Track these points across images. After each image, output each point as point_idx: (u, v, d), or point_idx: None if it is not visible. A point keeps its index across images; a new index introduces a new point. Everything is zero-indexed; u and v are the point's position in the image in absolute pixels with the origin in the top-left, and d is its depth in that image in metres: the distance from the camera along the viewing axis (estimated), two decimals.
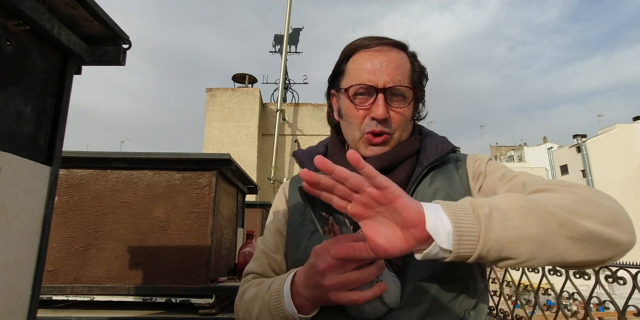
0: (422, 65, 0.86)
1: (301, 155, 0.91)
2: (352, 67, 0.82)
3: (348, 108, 0.83)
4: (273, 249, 0.87)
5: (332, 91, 0.90)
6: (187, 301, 1.45)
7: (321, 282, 0.61)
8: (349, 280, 0.60)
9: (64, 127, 0.64)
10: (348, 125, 0.85)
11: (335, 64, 0.88)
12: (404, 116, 0.81)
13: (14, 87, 0.54)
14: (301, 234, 0.82)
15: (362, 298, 0.60)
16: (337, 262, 0.59)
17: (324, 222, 0.62)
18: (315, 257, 0.63)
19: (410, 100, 0.81)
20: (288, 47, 6.34)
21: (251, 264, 0.89)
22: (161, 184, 1.57)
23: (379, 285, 0.62)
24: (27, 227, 0.55)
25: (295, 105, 5.80)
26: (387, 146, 0.82)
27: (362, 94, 0.80)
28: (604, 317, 2.02)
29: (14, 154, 0.52)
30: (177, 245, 1.50)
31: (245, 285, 0.84)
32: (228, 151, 4.08)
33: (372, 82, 0.78)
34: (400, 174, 0.80)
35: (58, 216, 1.49)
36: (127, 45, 0.70)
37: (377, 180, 0.51)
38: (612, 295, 1.91)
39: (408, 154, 0.82)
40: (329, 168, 0.51)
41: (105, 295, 1.44)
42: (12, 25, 0.53)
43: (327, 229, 0.62)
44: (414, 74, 0.83)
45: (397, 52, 0.82)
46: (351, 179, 0.51)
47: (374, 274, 0.61)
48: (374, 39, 0.83)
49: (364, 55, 0.81)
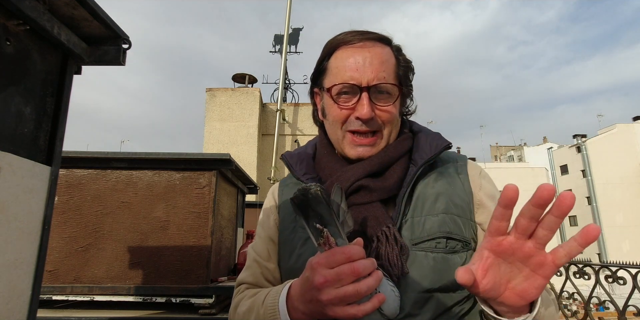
0: (407, 59, 0.82)
1: (289, 158, 0.87)
2: (334, 65, 0.79)
3: (331, 108, 0.80)
4: (265, 257, 0.84)
5: (315, 90, 0.87)
6: (187, 301, 1.45)
7: (317, 296, 0.58)
8: (346, 295, 0.57)
9: (64, 127, 0.64)
10: (331, 125, 0.82)
11: (317, 61, 0.84)
12: (390, 114, 0.78)
13: (14, 87, 0.54)
14: (293, 241, 0.79)
15: (361, 312, 0.57)
16: (334, 276, 0.57)
17: (318, 234, 0.59)
18: (310, 271, 0.60)
19: (396, 97, 0.78)
20: (288, 47, 6.34)
21: (243, 274, 0.86)
22: (161, 184, 1.57)
23: (377, 297, 0.59)
24: (27, 227, 0.55)
25: (295, 105, 5.79)
26: (375, 148, 0.79)
27: (345, 93, 0.77)
28: (604, 317, 2.02)
29: (14, 154, 0.52)
30: (177, 245, 1.50)
31: (239, 296, 0.81)
32: (228, 151, 4.08)
33: (355, 80, 0.75)
34: (392, 177, 0.77)
35: (58, 216, 1.49)
36: (127, 45, 0.70)
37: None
38: (612, 295, 1.91)
39: (400, 154, 0.79)
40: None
41: (105, 295, 1.44)
42: (12, 25, 0.53)
43: (322, 241, 0.59)
44: (400, 69, 0.80)
45: (380, 47, 0.78)
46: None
47: (372, 286, 0.58)
48: (355, 33, 0.79)
49: (346, 52, 0.78)
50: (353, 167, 0.78)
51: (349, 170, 0.77)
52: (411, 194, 0.77)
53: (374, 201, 0.75)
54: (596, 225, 0.47)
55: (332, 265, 0.58)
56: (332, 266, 0.57)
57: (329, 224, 0.59)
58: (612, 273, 1.94)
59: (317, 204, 0.58)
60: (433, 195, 0.76)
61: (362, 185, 0.75)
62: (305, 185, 0.57)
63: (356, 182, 0.75)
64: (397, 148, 0.80)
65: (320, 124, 0.90)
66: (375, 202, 0.75)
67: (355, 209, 0.75)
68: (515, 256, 0.53)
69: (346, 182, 0.75)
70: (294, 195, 0.59)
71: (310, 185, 0.58)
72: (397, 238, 0.70)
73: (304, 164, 0.86)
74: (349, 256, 0.57)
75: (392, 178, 0.77)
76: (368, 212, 0.73)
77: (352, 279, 0.57)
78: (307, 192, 0.57)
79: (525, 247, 0.51)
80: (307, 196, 0.57)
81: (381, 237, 0.70)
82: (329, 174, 0.80)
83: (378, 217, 0.72)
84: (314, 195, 0.57)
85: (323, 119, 0.86)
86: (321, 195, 0.57)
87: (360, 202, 0.75)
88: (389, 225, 0.71)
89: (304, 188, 0.58)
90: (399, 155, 0.79)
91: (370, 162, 0.77)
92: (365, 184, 0.75)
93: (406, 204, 0.75)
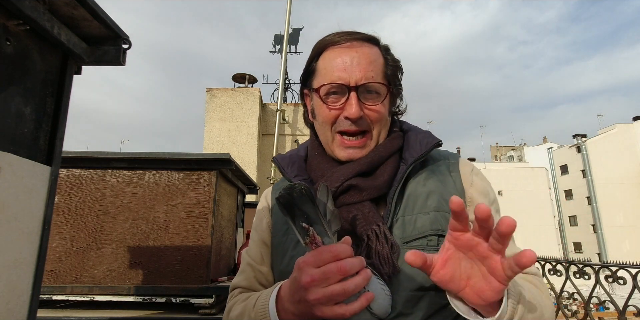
0: (395, 59, 0.83)
1: (281, 161, 0.88)
2: (322, 66, 0.79)
3: (320, 108, 0.80)
4: (258, 260, 0.84)
5: (305, 91, 0.87)
6: (187, 301, 1.45)
7: (305, 296, 0.58)
8: (333, 294, 0.56)
9: (64, 127, 0.64)
10: (320, 126, 0.82)
11: (306, 62, 0.84)
12: (379, 113, 0.78)
13: (14, 87, 0.54)
14: (286, 244, 0.79)
15: (348, 312, 0.57)
16: (320, 275, 0.56)
17: (304, 233, 0.59)
18: (298, 271, 0.60)
19: (384, 96, 0.78)
20: (288, 47, 6.34)
21: (237, 278, 0.86)
22: (161, 184, 1.57)
23: (365, 296, 0.59)
24: (27, 227, 0.55)
25: (295, 105, 5.80)
26: (365, 149, 0.79)
27: (334, 93, 0.77)
28: (604, 317, 2.03)
29: (14, 154, 0.52)
30: (177, 245, 1.50)
31: (232, 301, 0.81)
32: (228, 151, 4.08)
33: (344, 80, 0.75)
34: (382, 176, 0.77)
35: (58, 216, 1.49)
36: (127, 45, 0.70)
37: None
38: (612, 295, 1.91)
39: (390, 152, 0.80)
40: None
41: (105, 295, 1.44)
42: (12, 25, 0.53)
43: (309, 240, 0.59)
44: (388, 69, 0.80)
45: (368, 47, 0.79)
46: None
47: (360, 285, 0.57)
48: (343, 34, 0.80)
49: (334, 52, 0.78)
50: (343, 167, 0.79)
51: (339, 170, 0.78)
52: (402, 193, 0.77)
53: (364, 200, 0.75)
54: (509, 218, 0.50)
55: (319, 264, 0.57)
56: (319, 265, 0.57)
57: (315, 222, 0.59)
58: (612, 273, 1.94)
59: (303, 202, 0.58)
60: (424, 194, 0.76)
61: (352, 185, 0.75)
62: (290, 184, 0.57)
63: (346, 181, 0.76)
64: (387, 147, 0.80)
65: (310, 125, 0.90)
66: (365, 201, 0.75)
67: (346, 208, 0.75)
68: (474, 253, 0.56)
69: (336, 182, 0.76)
70: (279, 194, 0.58)
71: (295, 184, 0.57)
72: (387, 236, 0.70)
73: (296, 166, 0.86)
74: (336, 255, 0.57)
75: (382, 177, 0.77)
76: (358, 211, 0.73)
77: (339, 277, 0.57)
78: (292, 190, 0.57)
79: (481, 246, 0.54)
80: (292, 195, 0.57)
81: (371, 236, 0.70)
82: (320, 175, 0.81)
83: (368, 215, 0.72)
84: (298, 193, 0.57)
85: (313, 120, 0.86)
86: (306, 193, 0.57)
87: (350, 202, 0.75)
88: (379, 223, 0.71)
89: (289, 187, 0.57)
90: (389, 154, 0.80)
91: (360, 162, 0.78)
92: (355, 183, 0.75)
93: (397, 203, 0.75)
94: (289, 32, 6.42)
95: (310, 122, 0.89)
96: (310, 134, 0.91)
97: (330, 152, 0.83)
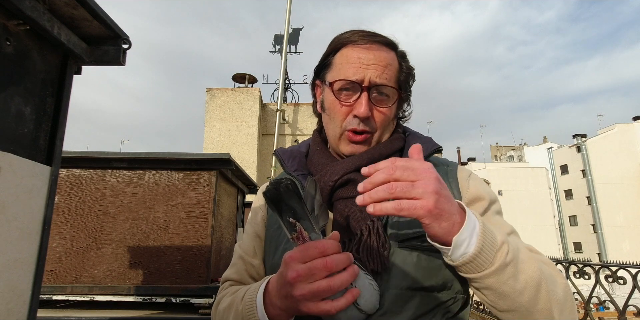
0: (410, 66, 0.85)
1: (282, 154, 0.89)
2: (339, 62, 0.81)
3: (332, 103, 0.81)
4: (251, 253, 0.85)
5: (317, 82, 0.89)
6: (187, 301, 1.45)
7: (291, 292, 0.58)
8: (319, 290, 0.56)
9: (64, 127, 0.64)
10: (330, 120, 0.83)
11: (323, 54, 0.86)
12: (386, 116, 0.80)
13: (14, 87, 0.54)
14: (279, 238, 0.79)
15: (334, 308, 0.57)
16: (306, 271, 0.56)
17: (291, 228, 0.59)
18: (284, 266, 0.60)
19: (394, 100, 0.80)
20: (288, 47, 6.34)
21: (228, 271, 0.86)
22: (161, 184, 1.57)
23: (350, 292, 0.58)
24: (27, 227, 0.55)
25: (295, 105, 5.80)
26: (366, 145, 0.81)
27: (346, 89, 0.79)
28: (604, 317, 2.02)
29: (14, 154, 0.52)
30: (177, 245, 1.50)
31: (222, 293, 0.82)
32: (228, 151, 4.08)
33: (358, 78, 0.77)
34: None
35: (58, 216, 1.49)
36: (127, 45, 0.70)
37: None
38: (612, 295, 1.91)
39: (390, 151, 0.81)
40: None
41: (105, 295, 1.44)
42: (12, 25, 0.53)
43: (295, 235, 0.58)
44: (401, 75, 0.82)
45: (386, 52, 0.80)
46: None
47: (346, 281, 0.57)
48: (364, 35, 0.81)
49: (353, 51, 0.80)
50: (343, 161, 0.80)
51: (338, 164, 0.79)
52: None
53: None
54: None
55: (305, 260, 0.57)
56: (305, 261, 0.57)
57: (302, 217, 0.59)
58: (612, 273, 1.94)
59: (290, 197, 0.58)
60: None
61: (350, 179, 0.76)
62: (277, 179, 0.58)
63: (345, 175, 0.76)
64: (387, 146, 0.82)
65: (318, 115, 0.92)
66: None
67: (342, 202, 0.75)
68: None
69: (335, 175, 0.77)
70: (266, 188, 0.58)
71: (282, 179, 0.57)
72: (380, 232, 0.70)
73: (296, 160, 0.87)
74: (323, 251, 0.57)
75: None
76: (354, 205, 0.72)
77: (325, 273, 0.56)
78: (279, 185, 0.57)
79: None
80: (278, 190, 0.57)
81: (364, 231, 0.71)
82: (319, 169, 0.82)
83: (363, 211, 0.72)
84: (285, 188, 0.57)
85: (321, 111, 0.88)
86: (292, 188, 0.57)
87: (347, 196, 0.75)
88: (373, 219, 0.71)
89: (275, 181, 0.57)
90: (390, 153, 0.81)
91: (360, 157, 0.79)
92: (353, 177, 0.76)
93: None
94: (289, 32, 6.42)
95: (318, 112, 0.91)
96: (314, 131, 0.93)
97: (335, 146, 0.84)
